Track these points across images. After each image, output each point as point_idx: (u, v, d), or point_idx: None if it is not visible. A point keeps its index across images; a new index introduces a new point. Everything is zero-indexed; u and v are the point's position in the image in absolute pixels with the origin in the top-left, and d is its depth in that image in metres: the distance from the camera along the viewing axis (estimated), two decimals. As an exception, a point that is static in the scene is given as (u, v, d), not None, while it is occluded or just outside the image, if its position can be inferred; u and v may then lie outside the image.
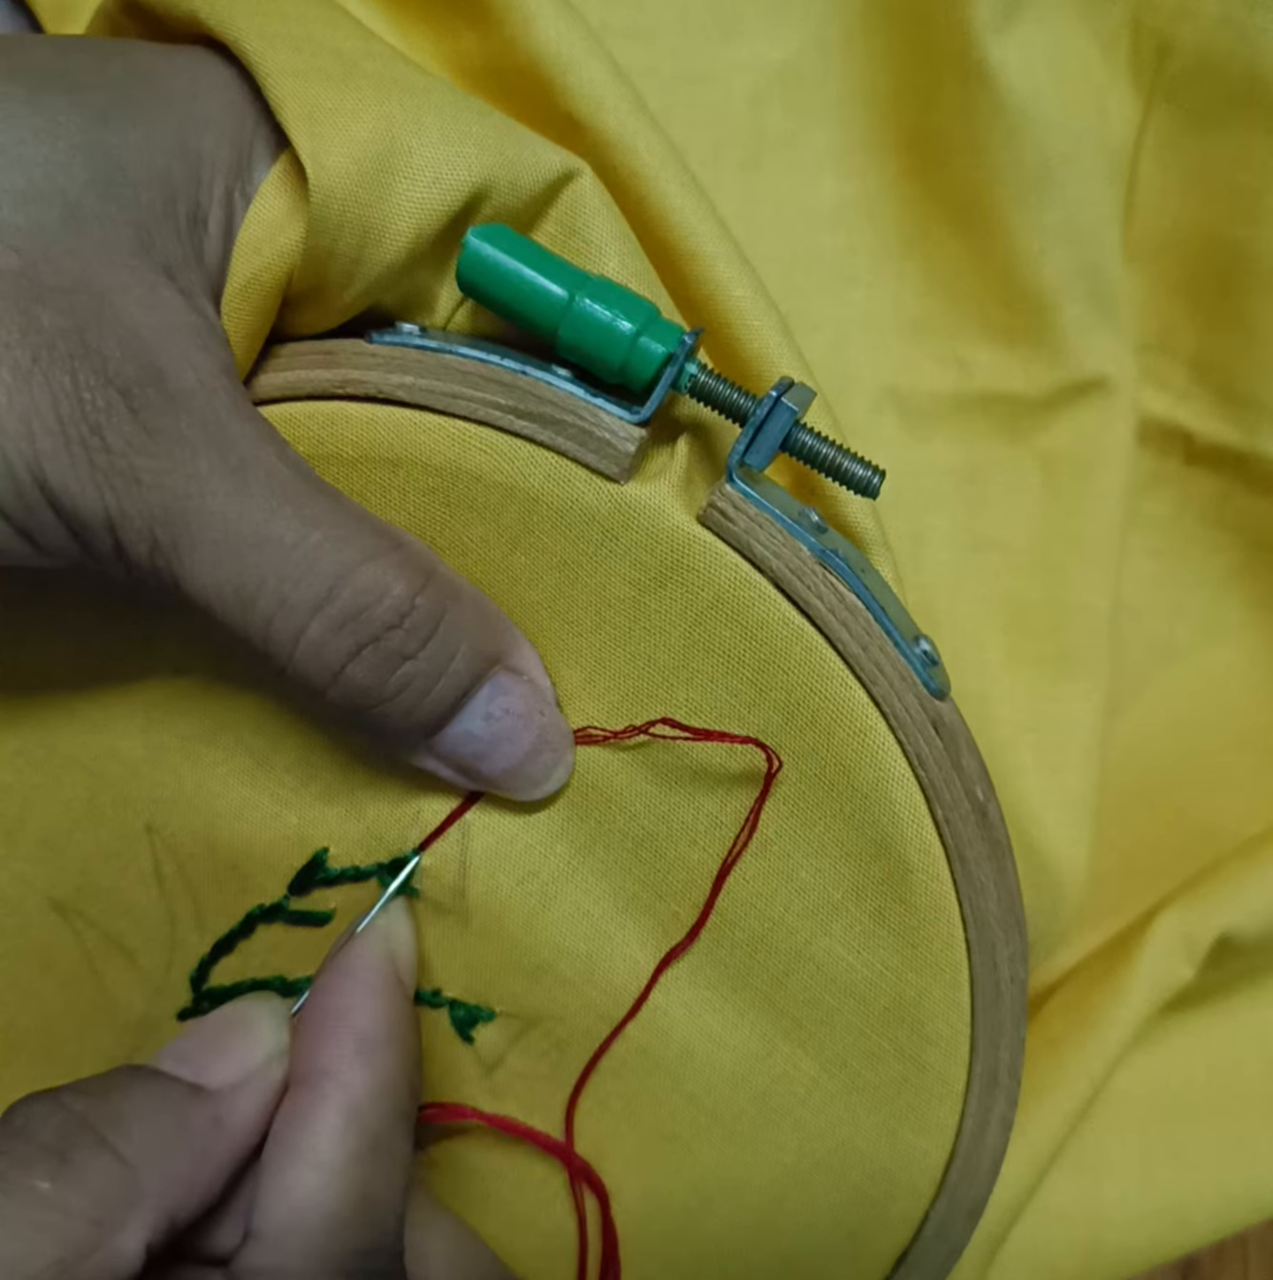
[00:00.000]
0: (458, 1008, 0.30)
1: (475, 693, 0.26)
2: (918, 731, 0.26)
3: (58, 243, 0.22)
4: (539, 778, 0.27)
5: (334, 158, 0.24)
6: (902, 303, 0.36)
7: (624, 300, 0.25)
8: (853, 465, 0.25)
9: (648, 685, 0.27)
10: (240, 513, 0.23)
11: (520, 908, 0.29)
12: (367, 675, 0.24)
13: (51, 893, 0.31)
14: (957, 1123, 0.29)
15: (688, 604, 0.26)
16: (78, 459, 0.22)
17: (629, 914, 0.29)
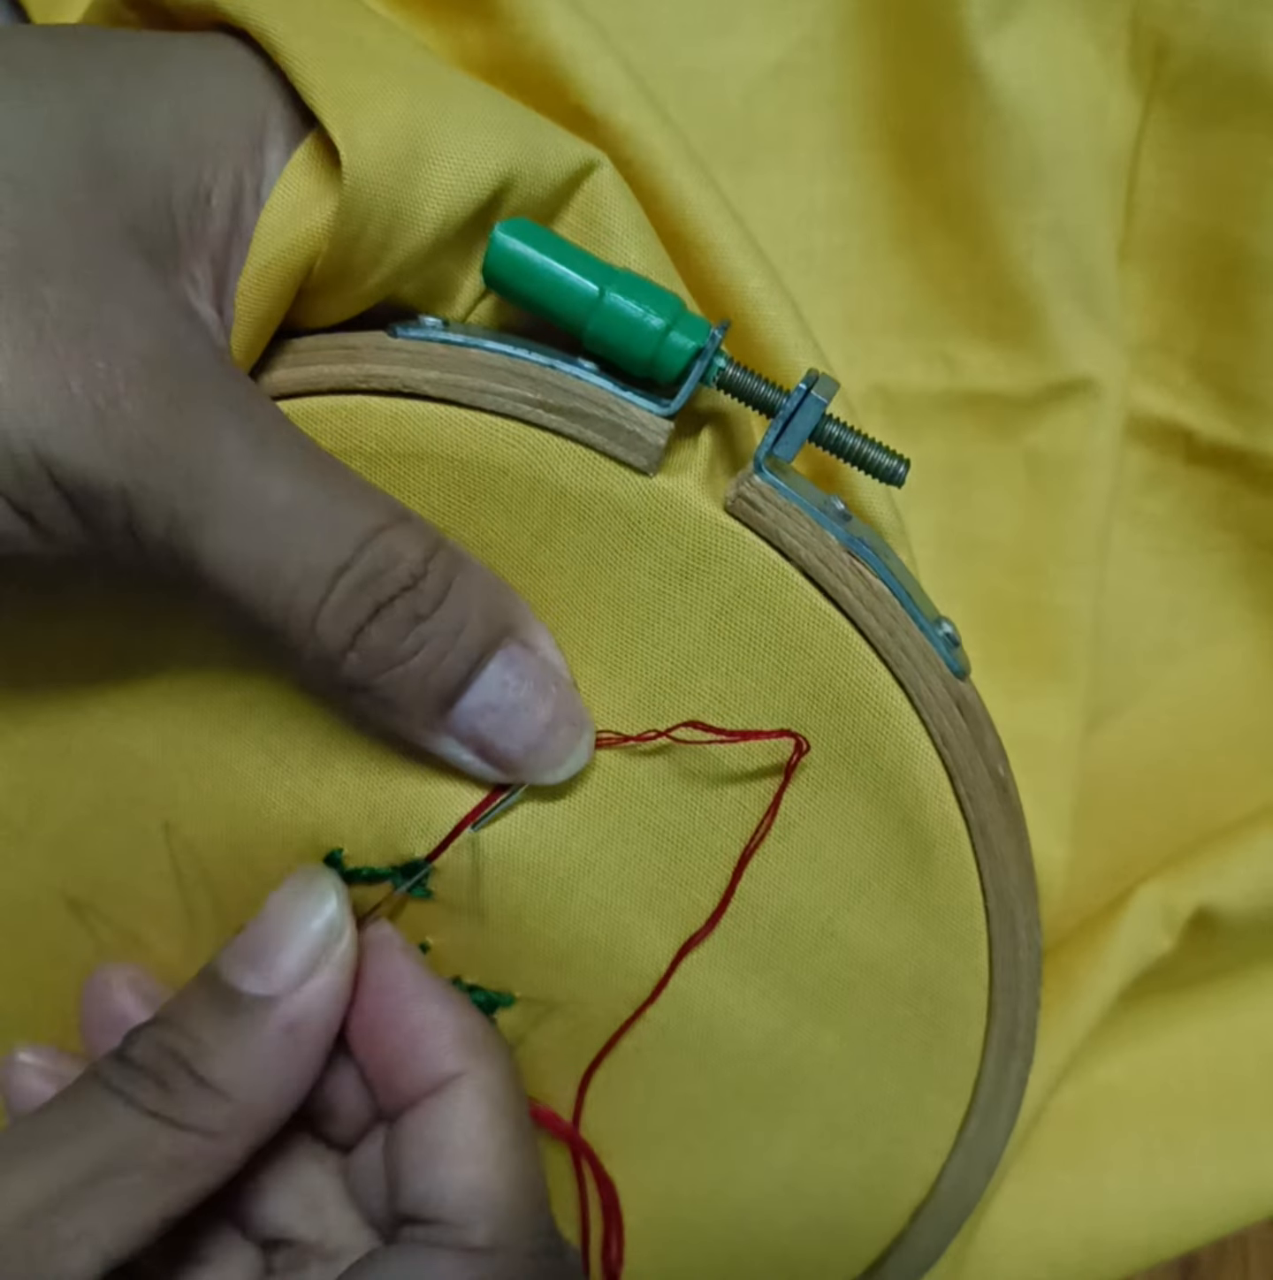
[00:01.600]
0: (478, 992, 0.30)
1: (488, 662, 0.26)
2: (942, 712, 0.27)
3: (55, 227, 0.22)
4: (561, 754, 0.27)
5: (367, 142, 0.24)
6: (892, 301, 0.37)
7: (652, 294, 0.26)
8: (879, 455, 0.26)
9: (672, 674, 0.28)
10: (265, 483, 0.23)
11: (537, 904, 0.29)
12: (383, 635, 0.24)
13: (65, 890, 0.31)
14: (974, 1083, 0.30)
15: (714, 593, 0.27)
16: (90, 431, 0.22)
17: (650, 904, 0.29)
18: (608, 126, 0.29)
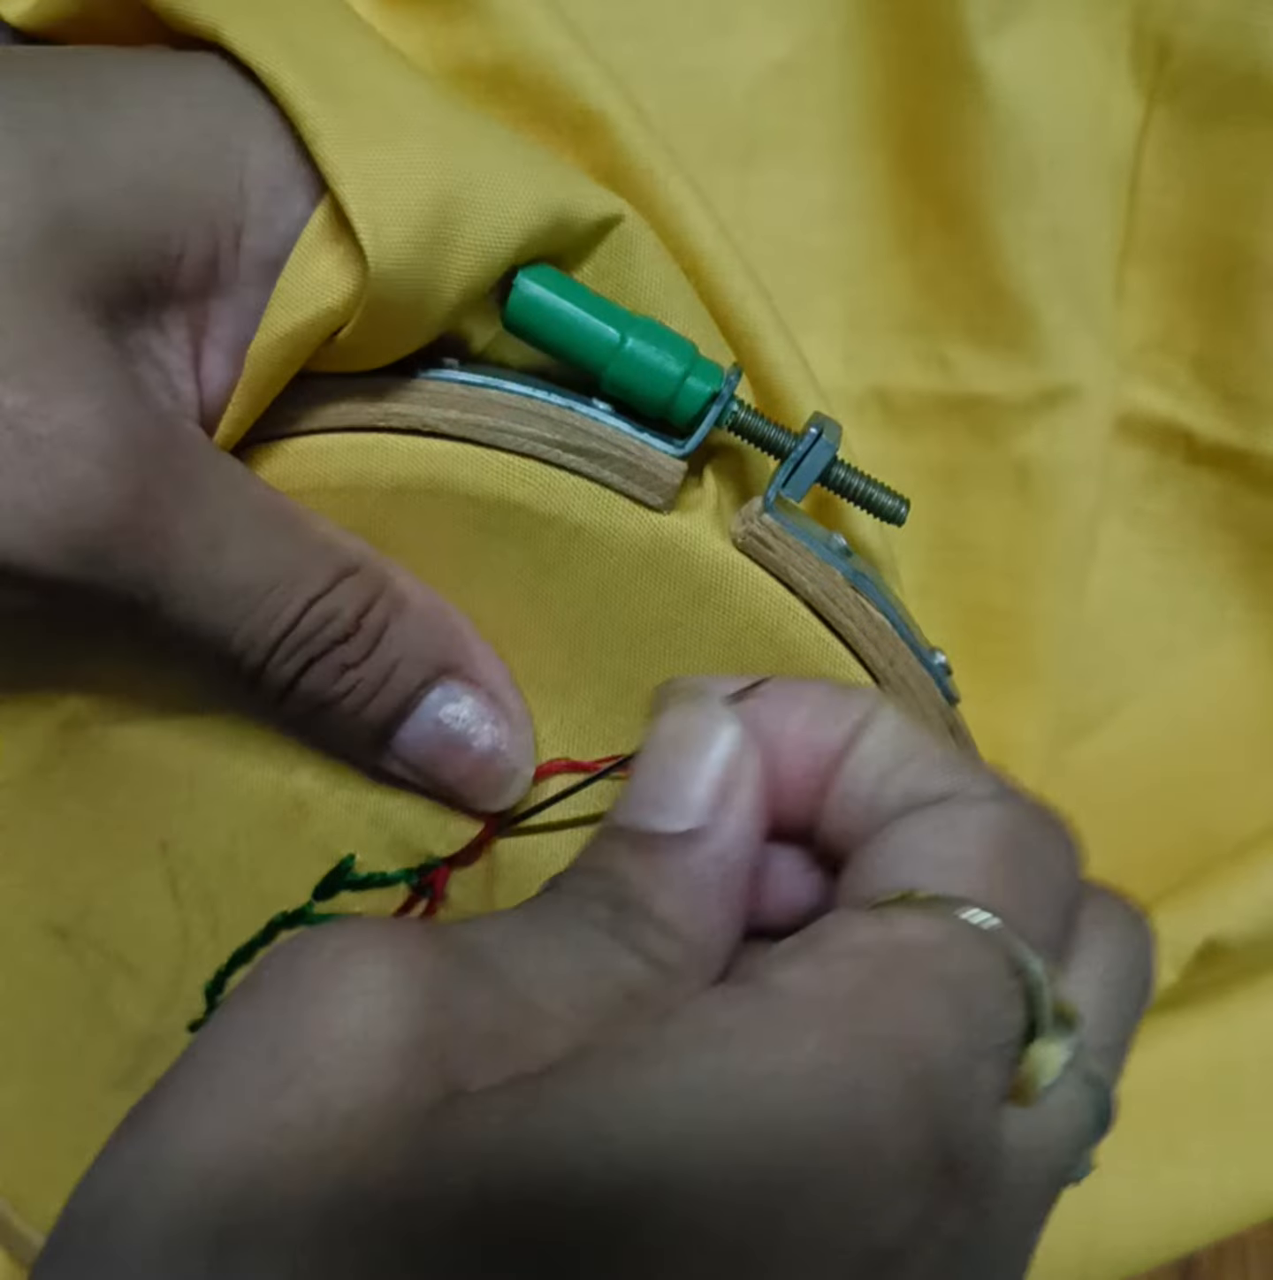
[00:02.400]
0: None
1: (422, 698, 0.27)
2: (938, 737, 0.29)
3: (10, 309, 0.22)
4: (493, 788, 0.28)
5: (392, 236, 0.24)
6: (892, 301, 0.37)
7: (670, 341, 0.27)
8: (883, 496, 0.27)
9: None
10: (218, 568, 0.25)
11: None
12: (314, 682, 0.26)
13: (50, 918, 0.31)
14: None
15: (723, 625, 0.28)
16: (50, 541, 0.22)
17: None
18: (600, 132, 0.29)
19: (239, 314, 0.26)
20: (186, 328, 0.25)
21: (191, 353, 0.26)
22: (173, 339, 0.25)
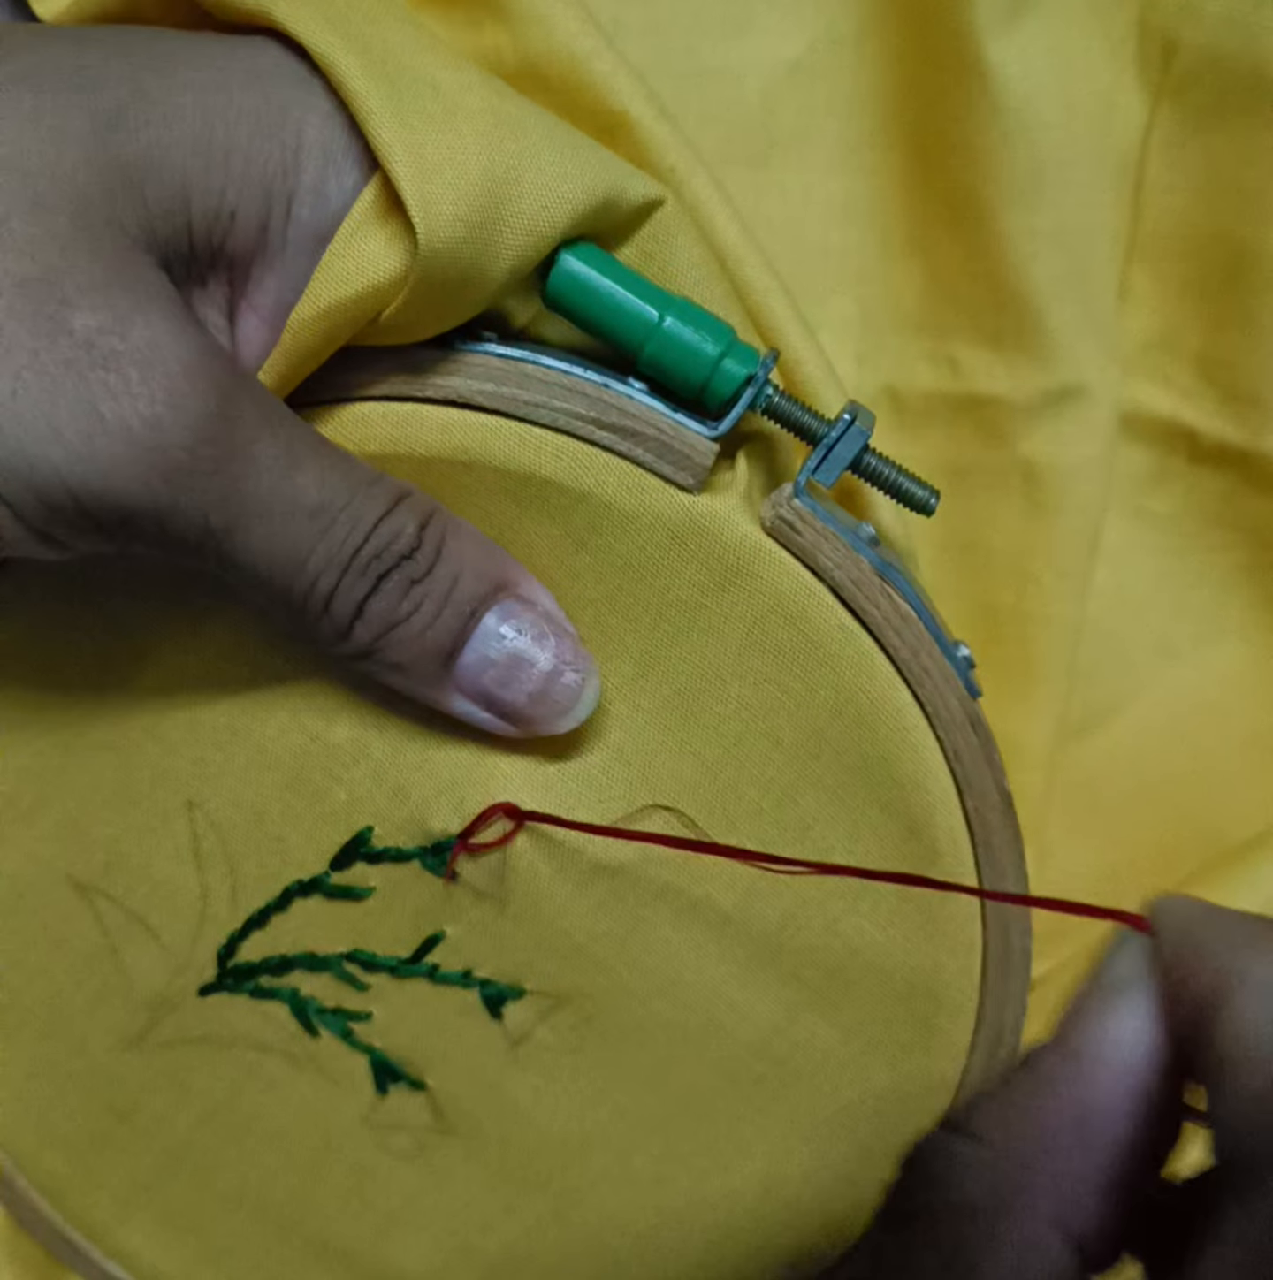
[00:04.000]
0: (489, 986, 0.31)
1: (483, 615, 0.27)
2: (958, 730, 0.29)
3: (73, 247, 0.22)
4: (566, 701, 0.28)
5: (444, 215, 0.24)
6: (903, 300, 0.37)
7: (707, 323, 0.27)
8: (913, 486, 0.28)
9: (703, 680, 0.29)
10: (294, 489, 0.24)
11: (557, 893, 0.30)
12: (383, 602, 0.26)
13: (72, 872, 0.31)
14: (958, 1081, 0.32)
15: (749, 606, 0.28)
16: (123, 457, 0.22)
17: (663, 898, 0.31)
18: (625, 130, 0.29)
19: (283, 282, 0.26)
20: (228, 287, 0.26)
21: (229, 313, 0.26)
22: (214, 297, 0.25)
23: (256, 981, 0.32)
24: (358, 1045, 0.32)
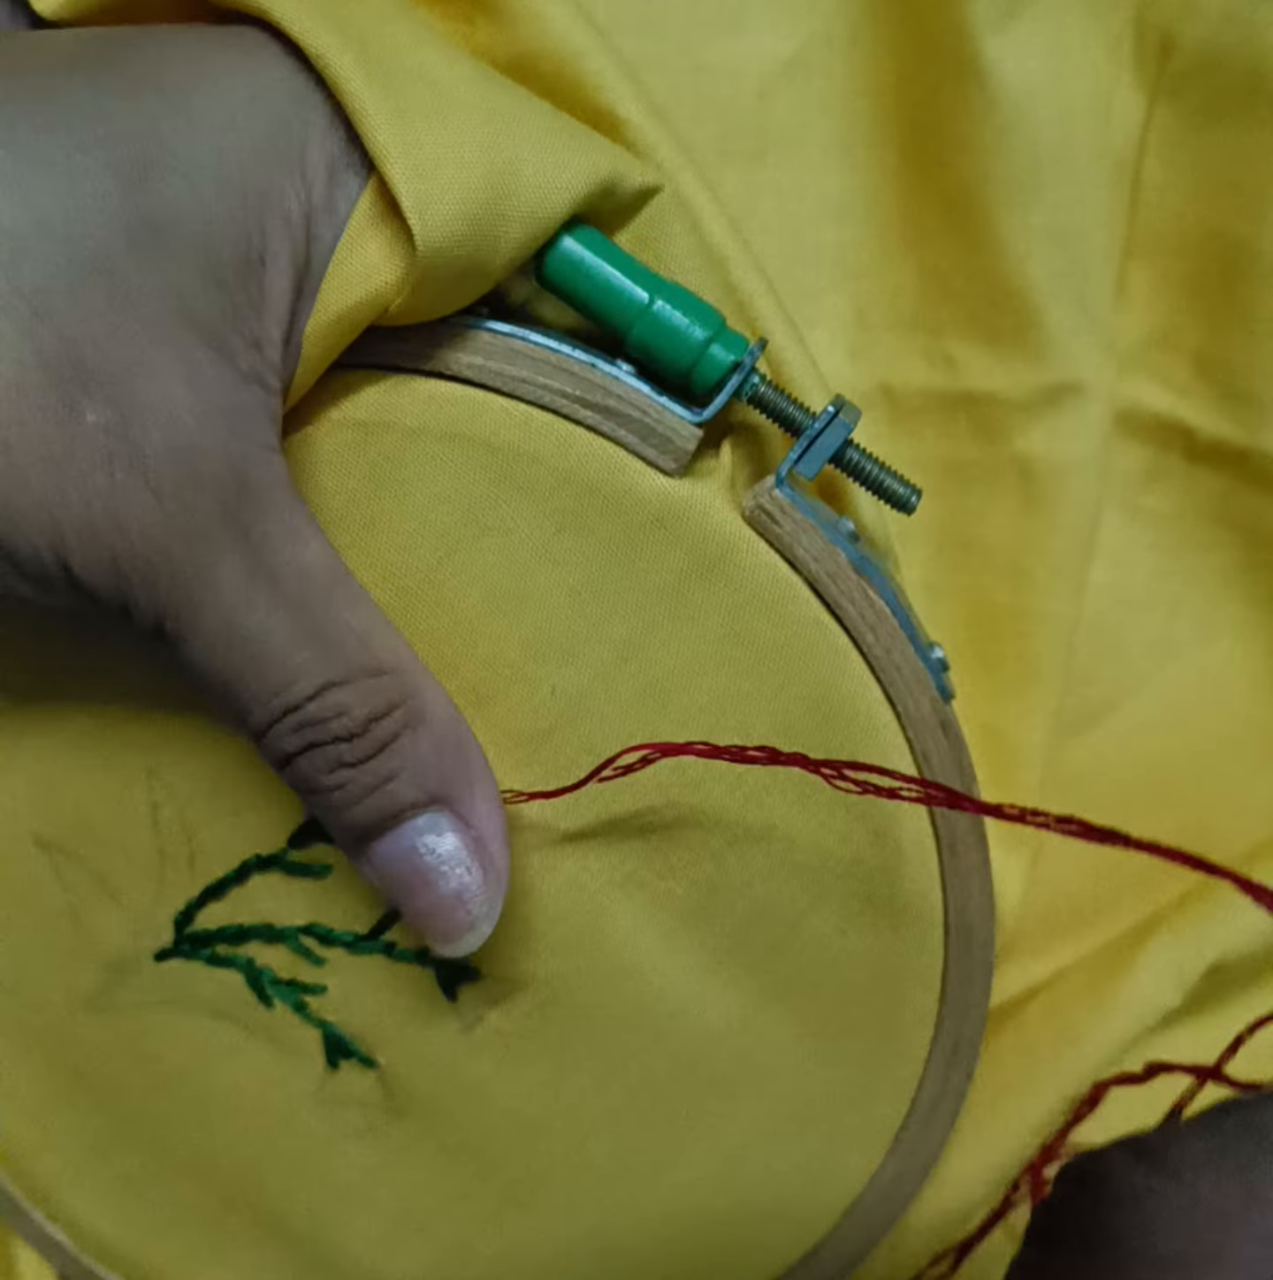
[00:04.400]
0: (444, 966, 0.31)
1: (406, 821, 0.27)
2: (928, 732, 0.28)
3: (105, 324, 0.22)
4: (448, 934, 0.27)
5: (442, 215, 0.24)
6: (898, 298, 0.37)
7: (697, 308, 0.27)
8: (895, 483, 0.27)
9: (680, 669, 0.29)
10: (246, 620, 0.24)
11: (516, 881, 0.30)
12: (309, 767, 0.26)
13: (38, 829, 0.31)
14: (915, 1088, 0.31)
15: (728, 596, 0.28)
16: (102, 549, 0.23)
17: (625, 889, 0.30)
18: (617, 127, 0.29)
19: None
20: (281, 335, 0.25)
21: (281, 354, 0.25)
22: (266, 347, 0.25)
23: (213, 949, 0.32)
24: (310, 1019, 0.32)
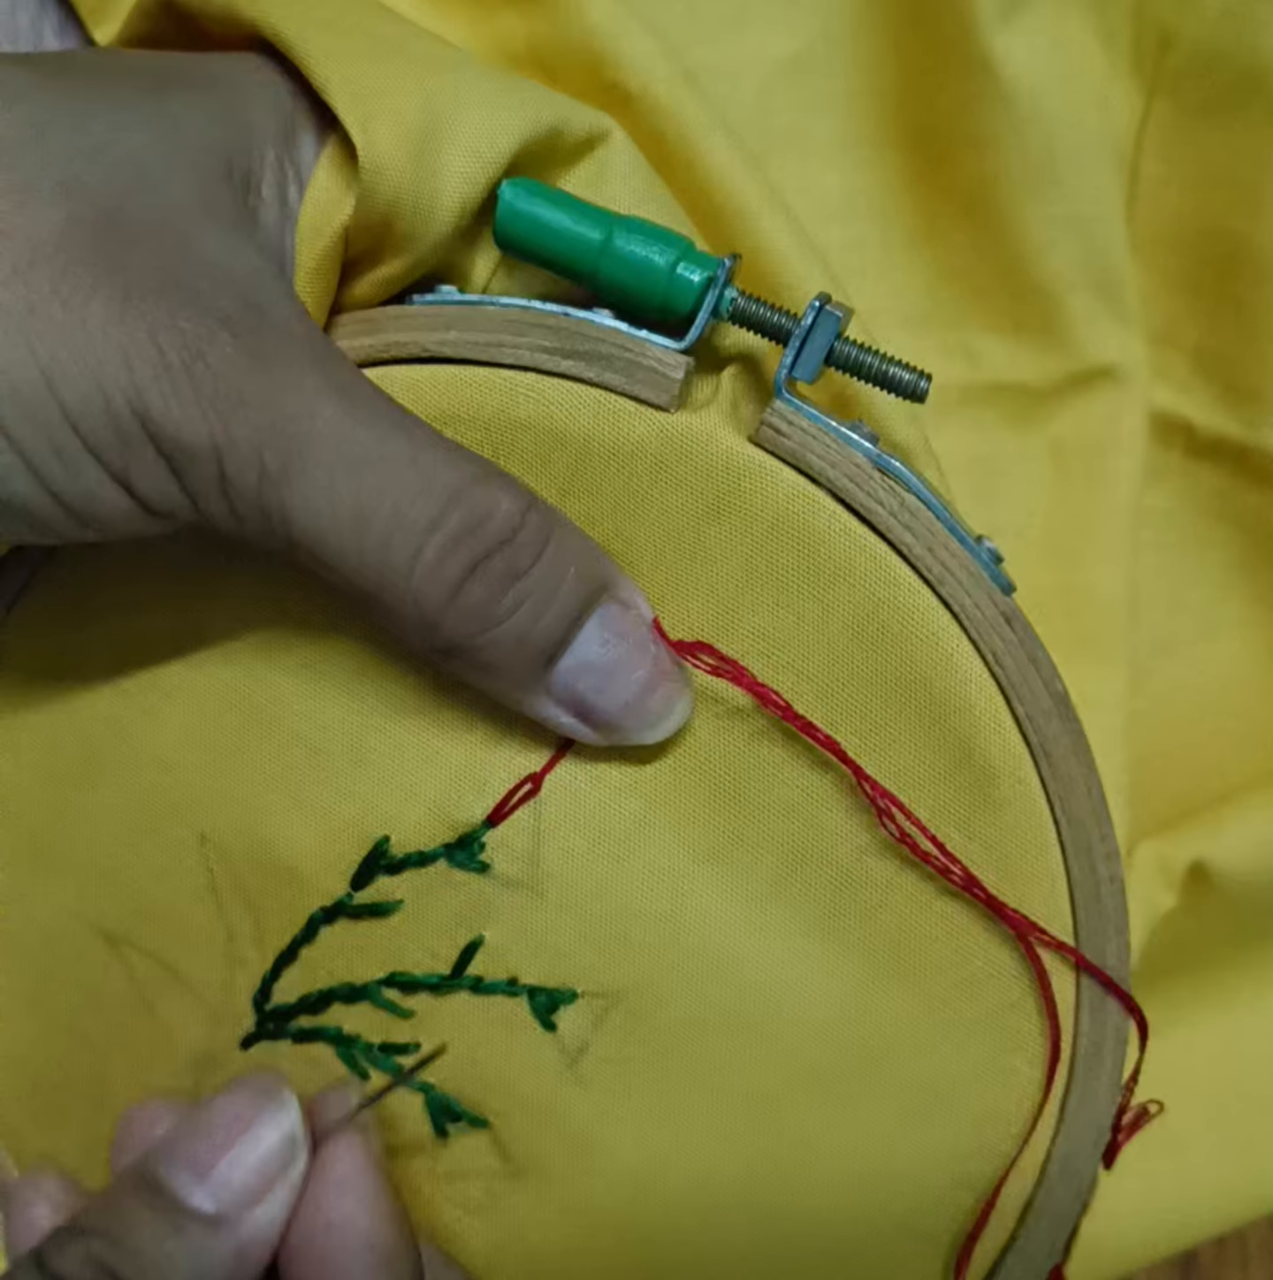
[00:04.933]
0: (538, 994, 0.29)
1: (586, 619, 0.25)
2: (992, 628, 0.26)
3: (132, 194, 0.23)
4: (661, 711, 0.26)
5: (382, 134, 0.25)
6: (909, 295, 0.37)
7: (659, 235, 0.26)
8: (899, 370, 0.26)
9: (714, 617, 0.27)
10: (353, 432, 0.23)
11: (594, 871, 0.28)
12: (481, 592, 0.24)
13: (101, 923, 0.30)
14: (1069, 1045, 0.28)
15: (748, 528, 0.27)
16: (181, 385, 0.22)
17: (707, 865, 0.28)
18: (644, 101, 0.30)
19: None
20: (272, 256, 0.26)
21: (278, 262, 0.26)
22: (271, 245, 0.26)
23: (297, 1024, 0.30)
24: (411, 1084, 0.30)
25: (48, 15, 0.34)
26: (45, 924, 0.30)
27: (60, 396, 0.22)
